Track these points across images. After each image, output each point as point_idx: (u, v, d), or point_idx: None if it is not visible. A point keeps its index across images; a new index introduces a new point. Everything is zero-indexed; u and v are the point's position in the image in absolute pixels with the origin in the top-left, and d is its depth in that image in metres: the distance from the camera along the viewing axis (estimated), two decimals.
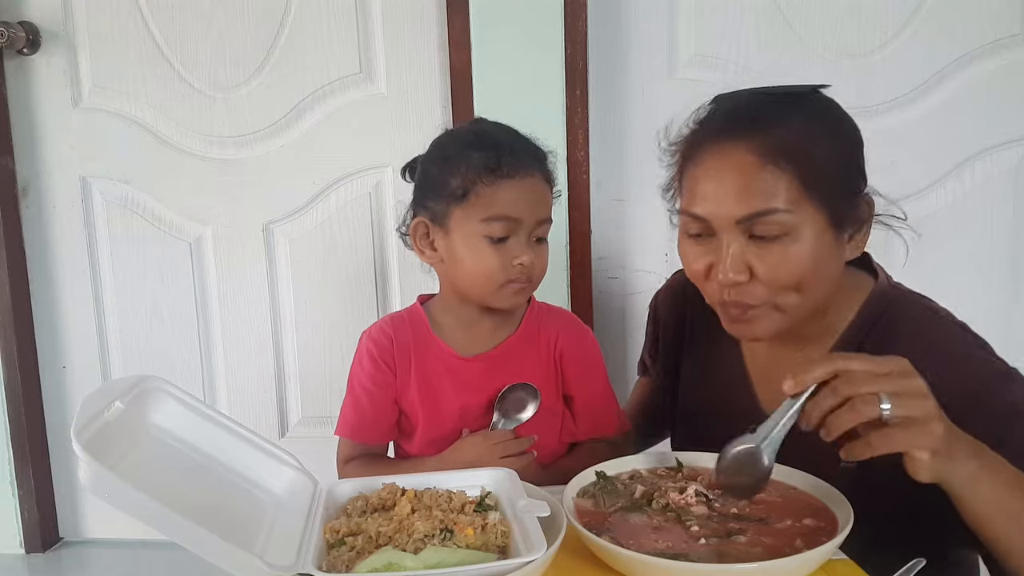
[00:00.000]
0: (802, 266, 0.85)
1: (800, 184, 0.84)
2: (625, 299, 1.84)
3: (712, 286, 0.90)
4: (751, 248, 0.86)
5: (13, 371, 1.86)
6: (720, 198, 0.86)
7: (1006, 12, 1.63)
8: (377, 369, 1.12)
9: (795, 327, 0.92)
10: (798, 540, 0.76)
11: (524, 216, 1.03)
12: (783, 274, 0.85)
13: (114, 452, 0.74)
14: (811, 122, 0.87)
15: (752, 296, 0.87)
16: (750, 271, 0.86)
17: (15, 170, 1.85)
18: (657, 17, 1.72)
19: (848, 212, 0.88)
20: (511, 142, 1.05)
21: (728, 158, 0.86)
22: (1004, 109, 1.66)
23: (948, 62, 1.65)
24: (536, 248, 1.06)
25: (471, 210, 1.02)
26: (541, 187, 1.06)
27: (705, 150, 0.88)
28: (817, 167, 0.84)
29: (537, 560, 0.70)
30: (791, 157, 0.84)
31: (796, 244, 0.84)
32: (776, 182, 0.83)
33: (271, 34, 1.77)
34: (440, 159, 1.07)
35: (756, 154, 0.84)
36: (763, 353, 1.02)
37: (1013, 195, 1.69)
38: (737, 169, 0.85)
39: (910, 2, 1.64)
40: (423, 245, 1.09)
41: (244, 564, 0.70)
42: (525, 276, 1.04)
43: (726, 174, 0.85)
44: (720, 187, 0.86)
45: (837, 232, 0.87)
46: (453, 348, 1.11)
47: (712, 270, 0.89)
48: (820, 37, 1.67)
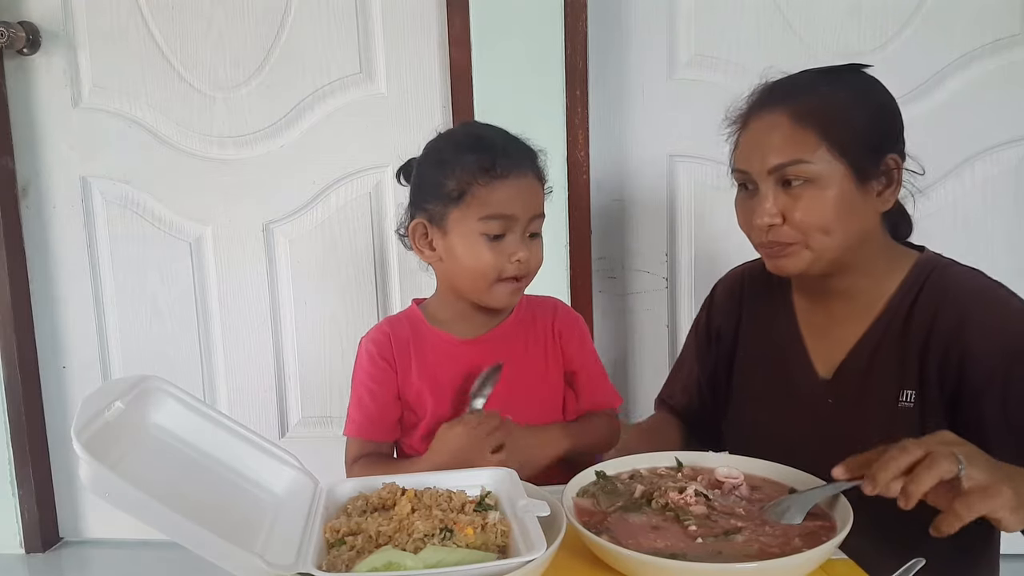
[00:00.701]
0: (827, 210, 0.98)
1: (824, 139, 0.97)
2: (625, 299, 1.84)
3: (755, 232, 1.04)
4: (783, 195, 1.00)
5: (13, 371, 1.86)
6: (756, 153, 1.01)
7: (1006, 12, 1.63)
8: (376, 367, 1.14)
9: (838, 284, 1.05)
10: (796, 539, 0.77)
11: (519, 213, 1.06)
12: (810, 217, 0.98)
13: (114, 452, 0.74)
14: (839, 90, 1.01)
15: (787, 235, 1.00)
16: (783, 216, 1.00)
17: (15, 170, 1.86)
18: (657, 17, 1.72)
19: (872, 167, 0.99)
20: (504, 143, 1.09)
21: (765, 121, 1.02)
22: (1004, 109, 1.66)
23: (948, 62, 1.65)
24: (531, 243, 1.09)
25: (468, 210, 1.06)
26: (534, 185, 1.10)
27: (750, 118, 1.04)
28: (840, 125, 0.98)
29: (537, 560, 0.70)
30: (817, 117, 0.98)
31: (821, 191, 0.98)
32: (803, 137, 0.98)
33: (271, 34, 1.77)
34: (435, 162, 1.10)
35: (787, 115, 0.99)
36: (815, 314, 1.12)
37: (1013, 195, 1.69)
38: (770, 128, 1.00)
39: (910, 2, 1.65)
40: (422, 245, 1.12)
41: (244, 563, 0.70)
42: (522, 271, 1.08)
43: (762, 133, 1.01)
44: (757, 144, 1.02)
45: (861, 183, 0.99)
46: (451, 335, 1.15)
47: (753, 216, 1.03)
48: (820, 37, 1.67)
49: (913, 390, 1.00)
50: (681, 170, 1.77)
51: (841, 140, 0.97)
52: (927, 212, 1.68)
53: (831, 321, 1.09)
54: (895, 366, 1.02)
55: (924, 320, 1.01)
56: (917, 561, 0.73)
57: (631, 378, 1.86)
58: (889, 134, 1.02)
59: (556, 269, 1.71)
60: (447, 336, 1.14)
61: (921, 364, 1.00)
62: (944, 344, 0.98)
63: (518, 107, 1.65)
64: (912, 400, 1.00)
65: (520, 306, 1.17)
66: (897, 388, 1.01)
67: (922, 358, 1.00)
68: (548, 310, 1.19)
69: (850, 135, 0.98)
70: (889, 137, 1.02)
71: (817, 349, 1.11)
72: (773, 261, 1.04)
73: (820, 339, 1.11)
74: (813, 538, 0.76)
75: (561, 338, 1.17)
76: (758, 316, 1.20)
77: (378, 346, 1.15)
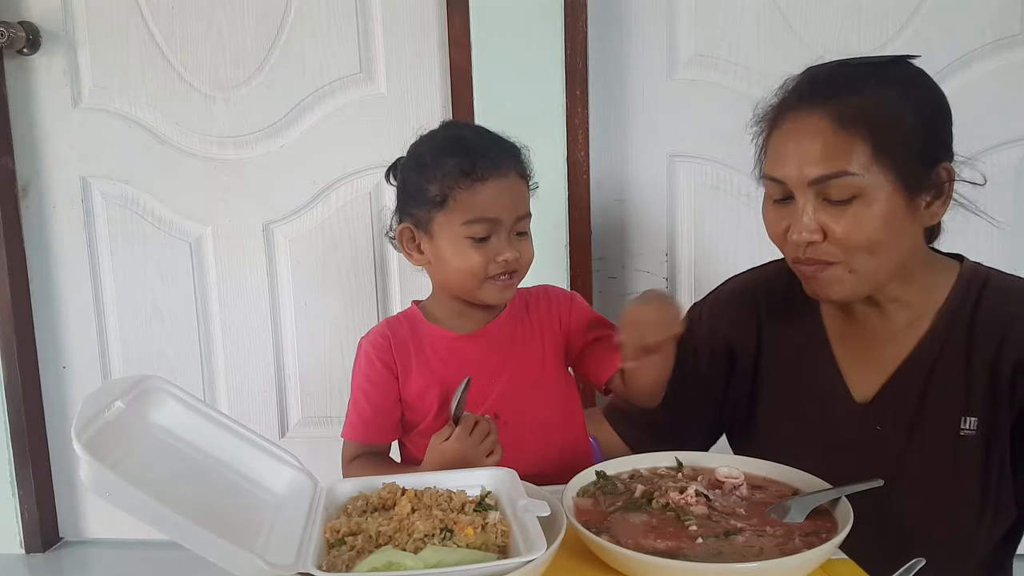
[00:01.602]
0: (873, 228, 0.88)
1: (872, 149, 0.87)
2: (625, 299, 1.84)
3: (789, 247, 0.93)
4: (824, 209, 0.89)
5: (13, 371, 1.86)
6: (795, 161, 0.90)
7: (1006, 12, 1.63)
8: (374, 370, 1.14)
9: (876, 297, 0.95)
10: (797, 539, 0.77)
11: (503, 215, 1.05)
12: (855, 235, 0.88)
13: (114, 452, 0.74)
14: (887, 90, 0.90)
15: (827, 254, 0.90)
16: (823, 232, 0.89)
17: (15, 170, 1.85)
18: (657, 17, 1.72)
19: (922, 179, 0.90)
20: (483, 145, 1.08)
21: (804, 123, 0.90)
22: (1004, 109, 1.66)
23: (948, 62, 1.65)
24: (519, 242, 1.09)
25: (451, 215, 1.05)
26: (517, 184, 1.09)
27: (785, 117, 0.92)
28: (889, 133, 0.87)
29: (537, 559, 0.70)
30: (864, 122, 0.87)
31: (868, 207, 0.87)
32: (848, 146, 0.87)
33: (271, 34, 1.77)
34: (417, 166, 1.10)
35: (830, 119, 0.88)
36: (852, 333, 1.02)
37: (1013, 195, 1.69)
38: (811, 134, 0.89)
39: (910, 2, 1.65)
40: (410, 249, 1.13)
41: (244, 563, 0.70)
42: (509, 270, 1.07)
43: (802, 138, 0.89)
44: (796, 151, 0.90)
45: (910, 197, 0.89)
46: (448, 330, 1.14)
47: (789, 231, 0.92)
48: (820, 37, 1.67)
49: (976, 416, 0.92)
50: (681, 170, 1.77)
51: (891, 149, 0.87)
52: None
53: (868, 340, 1.00)
54: (956, 390, 0.94)
55: (990, 340, 0.92)
56: (917, 561, 0.73)
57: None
58: (942, 140, 0.93)
59: (556, 269, 1.71)
60: (445, 332, 1.14)
61: (988, 388, 0.92)
62: (1014, 366, 0.90)
63: (518, 107, 1.65)
64: (974, 427, 0.92)
65: (517, 297, 1.16)
66: (958, 414, 0.92)
67: (989, 382, 0.92)
68: (543, 299, 1.18)
69: (901, 143, 0.88)
70: (943, 144, 0.93)
71: (853, 371, 1.02)
72: (810, 283, 0.94)
73: (856, 359, 1.02)
74: (813, 538, 0.76)
75: (560, 321, 1.16)
76: (781, 335, 1.09)
77: (376, 349, 1.15)
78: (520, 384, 1.13)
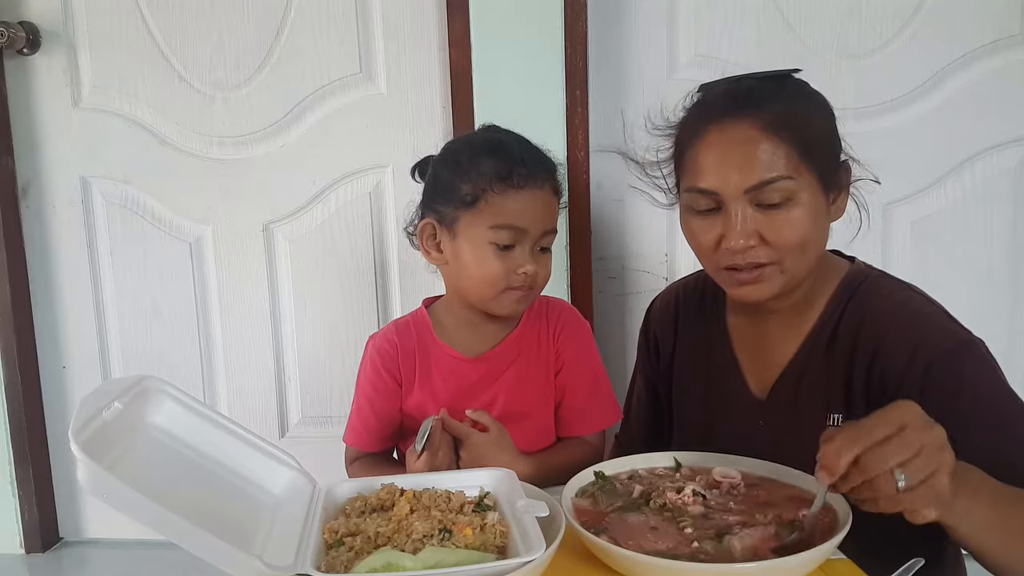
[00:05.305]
0: (804, 228, 0.92)
1: (798, 153, 0.91)
2: (625, 299, 1.84)
3: (721, 255, 0.95)
4: (757, 215, 0.91)
5: (13, 371, 1.86)
6: (727, 171, 0.91)
7: (1006, 12, 1.63)
8: (379, 378, 1.14)
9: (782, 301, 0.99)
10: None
11: (531, 227, 1.05)
12: (789, 236, 0.91)
13: (112, 452, 0.74)
14: (797, 98, 0.95)
15: (763, 256, 0.93)
16: (759, 236, 0.92)
17: (15, 170, 1.85)
18: (657, 17, 1.72)
19: (834, 176, 0.95)
20: (523, 153, 1.07)
21: (732, 134, 0.92)
22: (1004, 109, 1.65)
23: (948, 62, 1.65)
24: (540, 258, 1.08)
25: (479, 217, 1.04)
26: (549, 199, 1.08)
27: (707, 129, 0.94)
28: (810, 136, 0.92)
29: (536, 560, 0.70)
30: (789, 128, 0.91)
31: (798, 208, 0.91)
32: (776, 152, 0.90)
33: (271, 34, 1.77)
34: (452, 164, 1.09)
35: (757, 128, 0.91)
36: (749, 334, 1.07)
37: (1013, 195, 1.69)
38: (742, 143, 0.91)
39: (910, 2, 1.64)
40: (429, 246, 1.11)
41: (243, 565, 0.70)
42: (527, 284, 1.07)
43: (731, 148, 0.91)
44: (726, 161, 0.92)
45: (826, 196, 0.94)
46: (456, 350, 1.13)
47: (722, 241, 0.94)
48: (820, 37, 1.67)
49: (840, 414, 0.93)
50: None
51: (812, 152, 0.91)
52: (927, 212, 1.70)
53: (765, 340, 1.04)
54: (821, 389, 0.97)
55: (847, 341, 0.96)
56: (917, 561, 0.73)
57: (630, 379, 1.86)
58: (839, 141, 0.98)
59: (556, 269, 1.70)
60: (451, 352, 1.13)
61: (847, 387, 0.95)
62: (867, 365, 0.93)
63: (518, 107, 1.65)
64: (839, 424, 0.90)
65: (527, 315, 1.15)
66: (824, 412, 0.93)
67: (847, 380, 0.95)
68: (556, 326, 1.17)
69: (818, 146, 0.93)
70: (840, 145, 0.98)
71: (752, 369, 1.06)
72: (742, 288, 0.96)
73: (754, 359, 1.06)
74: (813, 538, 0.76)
75: (558, 344, 1.16)
76: (692, 338, 1.14)
77: (384, 359, 1.14)
78: (512, 412, 1.12)
